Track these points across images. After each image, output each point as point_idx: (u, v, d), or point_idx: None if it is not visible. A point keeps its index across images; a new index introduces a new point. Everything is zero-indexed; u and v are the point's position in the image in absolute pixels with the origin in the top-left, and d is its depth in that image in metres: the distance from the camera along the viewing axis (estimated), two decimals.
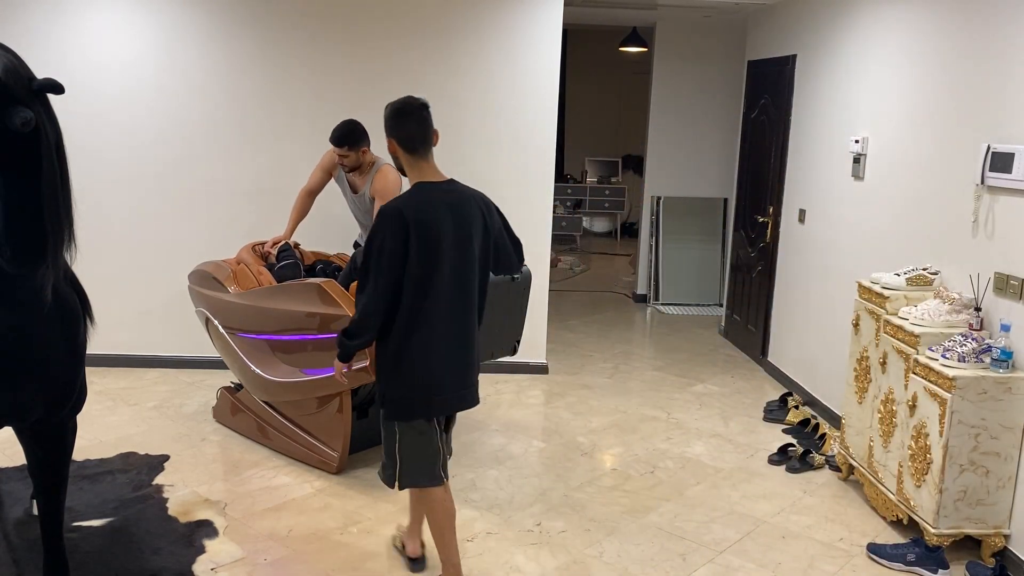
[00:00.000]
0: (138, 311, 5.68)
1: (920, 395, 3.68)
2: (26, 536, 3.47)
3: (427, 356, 3.00)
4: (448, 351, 3.04)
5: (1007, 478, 3.55)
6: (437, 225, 2.93)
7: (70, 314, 2.75)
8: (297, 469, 4.33)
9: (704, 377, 6.17)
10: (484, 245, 3.09)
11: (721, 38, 8.04)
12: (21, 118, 2.30)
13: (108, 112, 5.54)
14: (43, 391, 2.69)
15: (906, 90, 4.52)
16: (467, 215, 3.01)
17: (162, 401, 5.21)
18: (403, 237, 2.88)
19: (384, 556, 3.54)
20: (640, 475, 4.45)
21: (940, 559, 3.54)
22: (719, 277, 8.29)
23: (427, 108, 3.08)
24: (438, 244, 2.92)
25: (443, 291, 2.97)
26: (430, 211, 2.93)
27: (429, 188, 3.00)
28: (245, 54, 5.59)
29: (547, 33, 5.66)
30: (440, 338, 3.01)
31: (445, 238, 2.94)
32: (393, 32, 5.63)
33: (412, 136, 3.03)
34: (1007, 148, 3.61)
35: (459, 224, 2.98)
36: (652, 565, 3.56)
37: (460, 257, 2.99)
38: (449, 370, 3.06)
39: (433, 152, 3.07)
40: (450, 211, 2.97)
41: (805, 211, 5.76)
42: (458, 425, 4.99)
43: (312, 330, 4.21)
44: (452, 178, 3.09)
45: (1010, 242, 3.63)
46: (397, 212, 2.90)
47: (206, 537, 3.61)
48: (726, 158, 8.05)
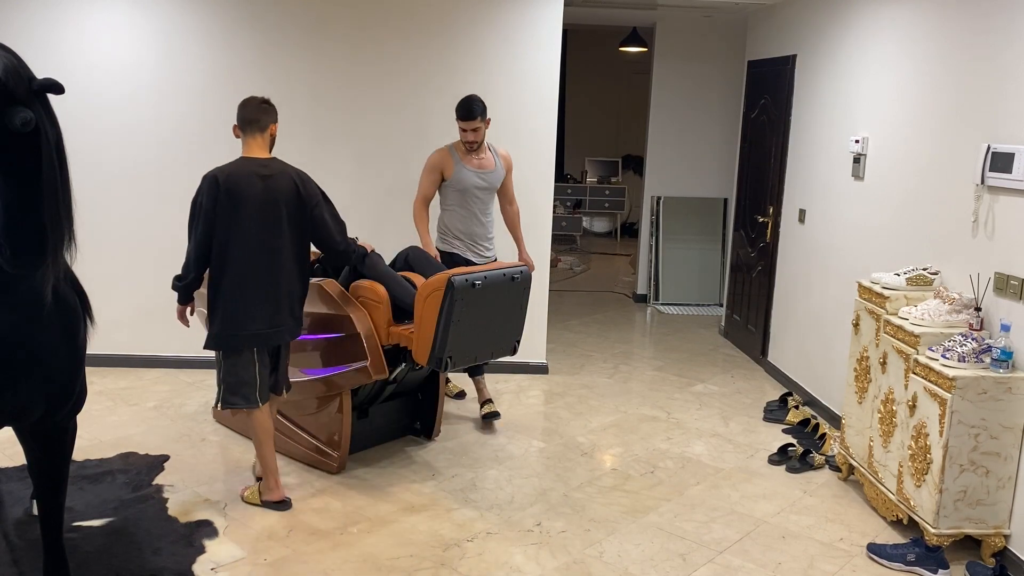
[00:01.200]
0: (138, 311, 5.67)
1: (920, 395, 3.68)
2: (26, 536, 3.47)
3: (236, 297, 3.66)
4: (254, 294, 3.68)
5: (1007, 478, 3.55)
6: (244, 190, 3.63)
7: (70, 314, 2.75)
8: (297, 469, 4.33)
9: (704, 377, 6.18)
10: (297, 212, 3.74)
11: (721, 38, 8.04)
12: (21, 118, 2.30)
13: (108, 112, 5.54)
14: (43, 391, 2.69)
15: (906, 90, 4.52)
16: (276, 185, 3.69)
17: (162, 401, 5.21)
18: (215, 197, 3.61)
19: (384, 556, 3.54)
20: (640, 475, 4.45)
21: (940, 559, 3.54)
22: (719, 277, 8.29)
23: (266, 103, 3.80)
24: (244, 205, 3.62)
25: (249, 245, 3.64)
26: (241, 179, 3.64)
27: (247, 161, 3.72)
28: (245, 55, 5.59)
29: (547, 33, 5.66)
30: (247, 283, 3.66)
31: (250, 201, 3.63)
32: (393, 33, 5.63)
33: (246, 120, 3.77)
34: (1007, 148, 3.61)
35: (267, 191, 3.66)
36: (652, 565, 3.56)
37: (265, 217, 3.66)
38: (255, 310, 3.68)
39: (264, 137, 3.77)
40: (261, 180, 3.67)
41: (805, 211, 5.76)
42: (458, 425, 5.00)
43: (312, 330, 4.21)
44: (275, 158, 3.79)
45: (1010, 242, 3.63)
46: (214, 178, 3.64)
47: (206, 537, 3.61)
48: (726, 158, 8.05)
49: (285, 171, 3.77)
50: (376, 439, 4.62)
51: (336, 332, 4.11)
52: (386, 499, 4.05)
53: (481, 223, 4.88)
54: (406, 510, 3.95)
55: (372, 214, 5.79)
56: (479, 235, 4.89)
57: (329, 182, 5.72)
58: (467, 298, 3.84)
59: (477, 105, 4.61)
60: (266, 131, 3.78)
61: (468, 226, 4.86)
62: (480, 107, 4.61)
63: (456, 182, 4.77)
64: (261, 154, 3.77)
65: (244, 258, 3.65)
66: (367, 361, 3.99)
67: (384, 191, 5.80)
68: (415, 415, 4.80)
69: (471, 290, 3.85)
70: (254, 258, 3.67)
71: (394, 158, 5.77)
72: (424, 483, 4.24)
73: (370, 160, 5.78)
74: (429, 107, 5.72)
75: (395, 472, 4.35)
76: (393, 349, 4.15)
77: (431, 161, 4.82)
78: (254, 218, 3.65)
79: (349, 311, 4.07)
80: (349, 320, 4.04)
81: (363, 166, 5.78)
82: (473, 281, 3.86)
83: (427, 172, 4.82)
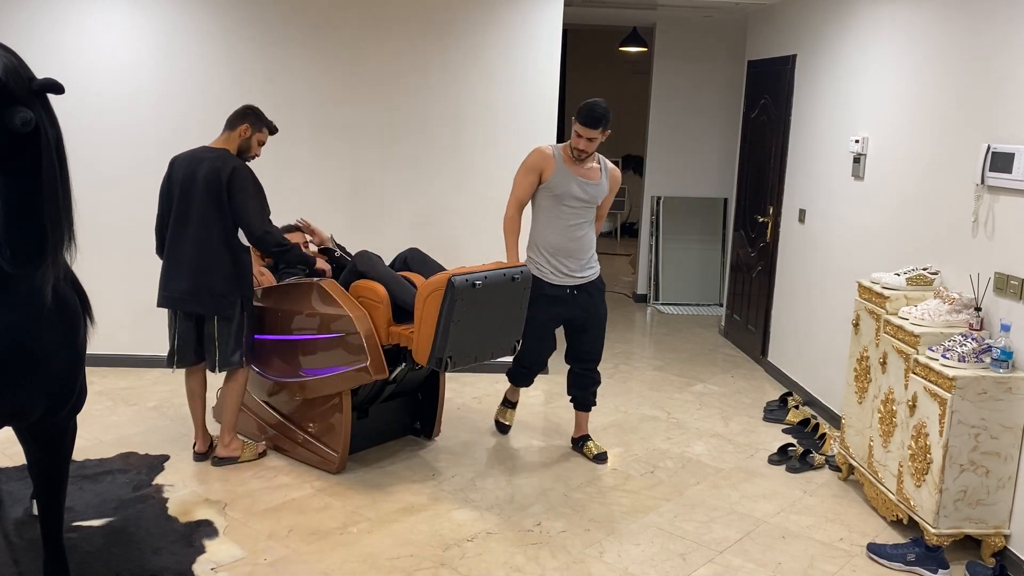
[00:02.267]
0: (138, 311, 5.66)
1: (920, 395, 3.68)
2: (26, 536, 3.47)
3: (168, 265, 4.17)
4: (172, 262, 4.13)
5: (1007, 478, 3.55)
6: (177, 171, 4.11)
7: (70, 314, 2.75)
8: (297, 469, 4.33)
9: (704, 377, 6.17)
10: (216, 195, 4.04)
11: (721, 38, 8.04)
12: (21, 118, 2.29)
13: (108, 112, 5.54)
14: (43, 391, 2.69)
15: (906, 90, 4.52)
16: (197, 169, 4.06)
17: (162, 401, 5.21)
18: (167, 178, 4.17)
19: (384, 556, 3.54)
20: (640, 475, 4.45)
21: (940, 559, 3.54)
22: (719, 277, 8.29)
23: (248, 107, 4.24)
24: (174, 185, 4.11)
25: (176, 219, 4.10)
26: (181, 162, 4.13)
27: (197, 149, 4.17)
28: (245, 55, 5.59)
29: (547, 33, 5.66)
30: (174, 252, 4.13)
31: (178, 182, 4.09)
32: (393, 33, 5.63)
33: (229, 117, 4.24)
34: (1007, 148, 3.61)
35: (189, 173, 4.06)
36: (652, 565, 3.56)
37: (186, 196, 4.07)
38: (175, 278, 4.12)
39: (229, 135, 4.17)
40: (195, 163, 4.07)
41: (805, 211, 5.76)
42: (458, 425, 5.00)
43: (312, 330, 4.22)
44: (221, 148, 4.14)
45: (1010, 242, 3.63)
46: (171, 161, 4.19)
47: (206, 537, 3.61)
48: (726, 158, 8.05)
49: (208, 156, 4.10)
50: (376, 439, 4.62)
51: (336, 332, 4.11)
52: (386, 499, 4.05)
53: (574, 238, 4.34)
54: (406, 510, 3.95)
55: (372, 214, 5.79)
56: (569, 252, 4.35)
57: (329, 181, 5.77)
58: (467, 298, 3.84)
59: (601, 114, 4.17)
60: (234, 130, 4.18)
61: (558, 240, 4.33)
62: (604, 117, 4.17)
63: (554, 186, 4.29)
64: (215, 144, 4.18)
65: (173, 232, 4.13)
66: (367, 361, 3.99)
67: (384, 191, 5.80)
68: (415, 415, 4.80)
69: (471, 290, 3.85)
70: (179, 232, 4.11)
71: (394, 158, 5.77)
72: (424, 483, 4.24)
73: (370, 160, 5.77)
74: (429, 107, 5.72)
75: (395, 472, 4.35)
76: (393, 349, 4.16)
77: (529, 161, 4.34)
78: (179, 196, 4.09)
79: (349, 311, 4.07)
80: (349, 320, 4.04)
81: (363, 165, 5.78)
82: (473, 281, 3.86)
83: (524, 173, 4.33)
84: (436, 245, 5.09)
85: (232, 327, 4.16)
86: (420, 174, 5.80)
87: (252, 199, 4.08)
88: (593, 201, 4.35)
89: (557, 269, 4.38)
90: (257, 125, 4.19)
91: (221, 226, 4.08)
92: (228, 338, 4.17)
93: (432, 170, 5.80)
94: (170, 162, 4.18)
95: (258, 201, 4.11)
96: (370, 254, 4.30)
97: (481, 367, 5.36)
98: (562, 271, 4.38)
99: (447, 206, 5.83)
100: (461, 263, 4.60)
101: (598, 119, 4.17)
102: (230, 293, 4.13)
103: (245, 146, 4.19)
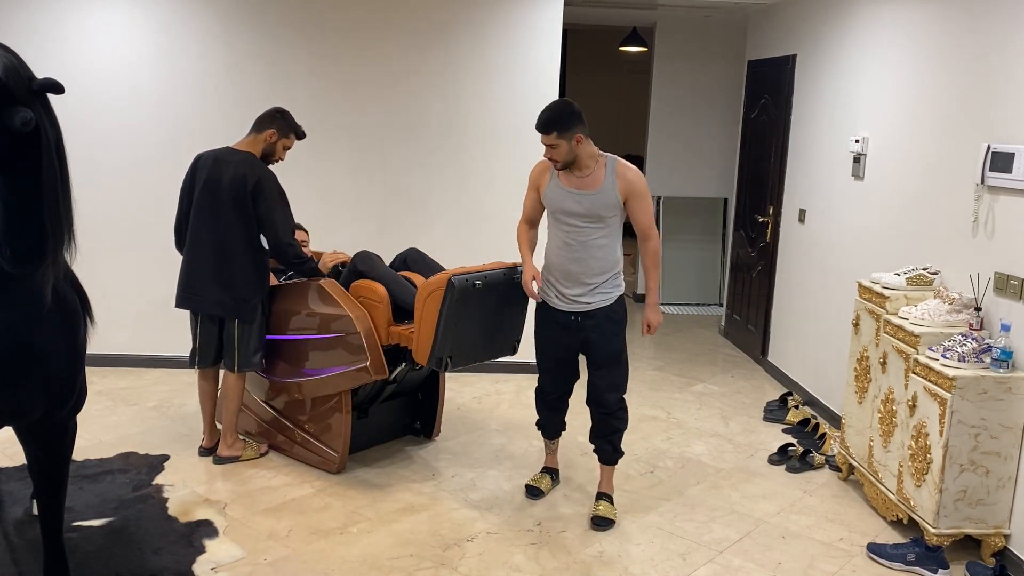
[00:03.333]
0: (138, 311, 5.68)
1: (920, 395, 3.68)
2: (26, 536, 3.47)
3: (188, 266, 4.17)
4: (194, 263, 4.14)
5: (1007, 478, 3.55)
6: (201, 171, 4.11)
7: (70, 314, 2.75)
8: (297, 469, 4.33)
9: (704, 377, 6.17)
10: (241, 200, 4.04)
11: (721, 38, 8.04)
12: (21, 118, 2.29)
13: (108, 112, 5.54)
14: (43, 391, 2.69)
15: (906, 90, 4.52)
16: (223, 172, 4.05)
17: (162, 401, 5.21)
18: (189, 175, 4.18)
19: (384, 556, 3.54)
20: (640, 475, 4.45)
21: (940, 559, 3.54)
22: (719, 277, 8.29)
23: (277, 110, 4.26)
24: (197, 184, 4.11)
25: (197, 219, 4.11)
26: (206, 162, 4.12)
27: (222, 150, 4.17)
28: (245, 55, 5.59)
29: (547, 33, 5.66)
30: (192, 253, 4.14)
31: (201, 182, 4.09)
32: (393, 32, 5.63)
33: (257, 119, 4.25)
34: (1007, 148, 3.61)
35: (215, 175, 4.06)
36: (652, 565, 3.56)
37: (208, 197, 4.07)
38: (193, 278, 4.15)
39: (255, 137, 4.18)
40: (221, 166, 4.07)
41: (805, 211, 5.76)
42: (458, 425, 5.00)
43: (312, 330, 4.22)
44: (247, 152, 4.14)
45: (1010, 242, 3.63)
46: (194, 159, 4.20)
47: (206, 537, 3.61)
48: (726, 158, 8.04)
49: (233, 160, 4.09)
50: (376, 439, 4.63)
51: (336, 332, 4.11)
52: (386, 499, 4.05)
53: (575, 259, 3.76)
54: (406, 510, 3.95)
55: (372, 214, 5.79)
56: (569, 275, 3.79)
57: (329, 182, 5.77)
58: (467, 298, 3.84)
59: (547, 117, 3.68)
60: (261, 133, 4.17)
61: (557, 261, 3.82)
62: (552, 120, 3.65)
63: (548, 202, 3.82)
64: (240, 146, 4.18)
65: (193, 232, 4.15)
66: (367, 361, 3.99)
67: (384, 191, 5.80)
68: (415, 415, 4.80)
69: (471, 290, 3.85)
70: (198, 232, 4.13)
71: (394, 159, 5.77)
72: (424, 483, 4.24)
73: (370, 160, 5.77)
74: (429, 107, 5.72)
75: (395, 472, 4.35)
76: (393, 349, 4.16)
77: (531, 174, 3.93)
78: (202, 195, 4.09)
79: (349, 311, 4.07)
80: (349, 320, 4.05)
81: (363, 166, 5.78)
82: (473, 281, 3.85)
83: (528, 189, 3.94)
84: (436, 245, 5.09)
85: (254, 329, 4.20)
86: (419, 174, 5.80)
87: (278, 209, 4.10)
88: (593, 213, 3.71)
89: (560, 293, 3.84)
90: (284, 131, 4.19)
91: (244, 231, 4.09)
92: (249, 340, 4.21)
93: (431, 170, 5.80)
94: (194, 159, 4.19)
95: (283, 211, 4.13)
96: (370, 254, 4.31)
97: (481, 367, 5.37)
98: (564, 295, 3.83)
99: (446, 206, 5.83)
100: (461, 263, 4.60)
101: (545, 123, 3.66)
102: (252, 297, 4.17)
103: (270, 150, 4.19)
